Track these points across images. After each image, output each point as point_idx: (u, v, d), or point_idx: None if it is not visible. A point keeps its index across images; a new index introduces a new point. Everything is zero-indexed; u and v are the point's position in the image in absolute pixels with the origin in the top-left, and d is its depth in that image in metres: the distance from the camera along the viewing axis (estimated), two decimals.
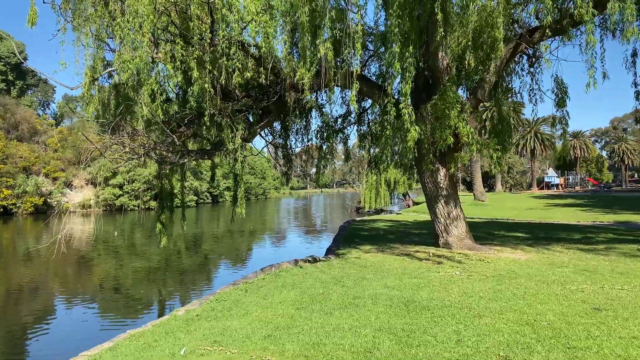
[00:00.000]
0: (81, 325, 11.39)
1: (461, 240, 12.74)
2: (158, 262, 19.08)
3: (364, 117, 15.33)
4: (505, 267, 9.61)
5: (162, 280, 16.45)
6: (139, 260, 19.74)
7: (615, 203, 35.55)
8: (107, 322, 11.68)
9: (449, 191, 12.96)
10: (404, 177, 41.26)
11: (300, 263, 11.58)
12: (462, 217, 13.05)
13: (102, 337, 7.71)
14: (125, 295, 14.58)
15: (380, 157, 13.28)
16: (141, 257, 20.88)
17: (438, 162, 12.75)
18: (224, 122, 11.17)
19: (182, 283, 15.89)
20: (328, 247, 15.20)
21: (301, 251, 20.15)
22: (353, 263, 10.97)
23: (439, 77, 12.01)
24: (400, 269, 9.88)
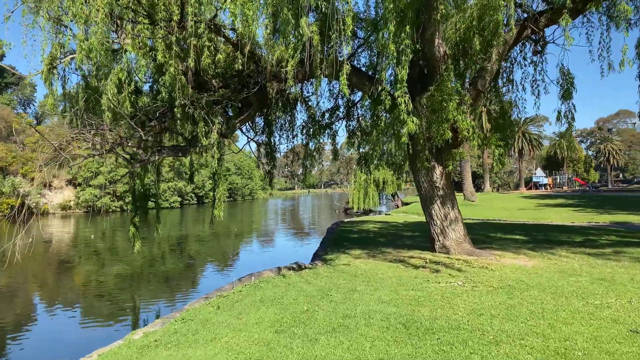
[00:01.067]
0: (37, 345, 10.12)
1: (459, 245, 11.70)
2: (135, 267, 17.79)
3: (354, 112, 14.24)
4: (512, 276, 8.57)
5: (138, 288, 15.19)
6: (116, 266, 18.39)
7: (606, 203, 34.91)
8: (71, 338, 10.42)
9: (445, 191, 11.92)
10: (393, 177, 40.33)
11: (284, 271, 10.45)
12: (460, 219, 12.01)
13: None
14: (96, 305, 13.30)
15: (371, 154, 12.24)
16: (119, 261, 19.52)
17: (434, 160, 11.71)
18: (197, 115, 9.99)
19: (158, 292, 14.64)
20: (315, 252, 14.08)
21: (287, 255, 18.99)
22: (342, 271, 9.86)
23: (435, 66, 10.97)
24: (395, 278, 8.78)
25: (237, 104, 11.57)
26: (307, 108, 13.10)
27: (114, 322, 11.32)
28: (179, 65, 9.73)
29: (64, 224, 41.10)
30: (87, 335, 10.32)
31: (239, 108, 12.10)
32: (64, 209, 56.19)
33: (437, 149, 11.37)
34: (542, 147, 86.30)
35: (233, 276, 14.10)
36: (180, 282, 15.63)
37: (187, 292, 14.15)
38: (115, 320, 11.47)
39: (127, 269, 17.40)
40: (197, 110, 9.91)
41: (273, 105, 11.28)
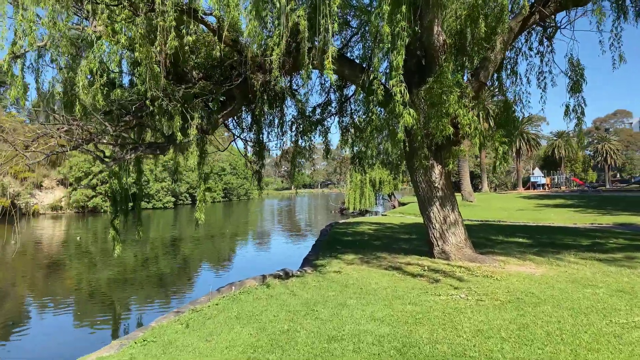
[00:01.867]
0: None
1: (460, 250, 10.82)
2: (120, 271, 16.82)
3: (347, 107, 13.35)
4: (520, 287, 7.68)
5: (120, 293, 14.21)
6: (100, 269, 17.42)
7: (606, 203, 34.11)
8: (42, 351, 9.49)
9: (445, 192, 11.04)
10: (389, 177, 39.49)
11: (269, 280, 9.55)
12: (460, 222, 11.13)
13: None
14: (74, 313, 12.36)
15: (365, 152, 11.35)
16: (103, 265, 18.54)
17: (433, 158, 10.82)
18: (172, 108, 9.08)
19: (141, 298, 13.69)
20: (305, 257, 13.17)
21: (279, 258, 18.08)
22: (332, 280, 8.96)
23: (434, 56, 10.08)
24: (390, 289, 7.89)
25: (219, 97, 10.67)
26: (296, 102, 12.19)
27: (89, 330, 10.38)
28: (154, 55, 8.84)
29: (54, 225, 40.07)
30: (50, 351, 9.38)
31: (221, 102, 11.21)
32: (54, 209, 55.12)
33: (436, 146, 10.50)
34: (539, 147, 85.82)
35: (216, 283, 13.20)
36: (163, 289, 14.69)
37: (168, 300, 13.22)
38: (89, 330, 10.53)
39: (110, 273, 16.46)
40: (172, 103, 8.99)
41: (258, 99, 10.37)
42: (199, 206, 11.49)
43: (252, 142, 13.84)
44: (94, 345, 7.16)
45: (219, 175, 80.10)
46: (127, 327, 10.89)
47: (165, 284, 15.05)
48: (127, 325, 11.00)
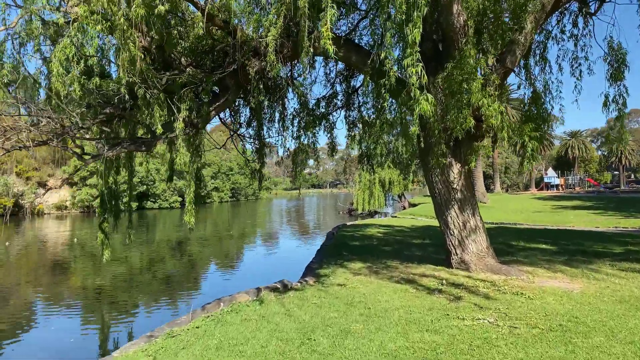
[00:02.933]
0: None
1: (481, 259, 9.56)
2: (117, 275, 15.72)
3: (354, 100, 12.11)
4: (559, 309, 6.42)
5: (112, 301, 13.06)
6: (95, 274, 16.34)
7: (626, 205, 32.50)
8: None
9: (464, 193, 9.78)
10: (399, 177, 38.16)
11: (264, 294, 8.36)
12: (482, 227, 9.88)
13: None
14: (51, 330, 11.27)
15: (374, 150, 10.13)
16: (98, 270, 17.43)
17: (451, 155, 9.58)
18: (151, 97, 7.93)
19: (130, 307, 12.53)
20: (308, 265, 11.97)
21: (282, 263, 16.95)
22: (335, 296, 7.75)
23: (453, 39, 8.84)
24: (404, 310, 6.66)
25: (210, 87, 9.50)
26: (297, 94, 10.98)
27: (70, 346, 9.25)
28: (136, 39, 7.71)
29: (57, 225, 39.21)
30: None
31: (214, 93, 10.06)
32: (59, 209, 54.44)
33: (455, 141, 9.26)
34: (553, 146, 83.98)
35: (212, 290, 12.05)
36: (157, 297, 13.51)
37: (160, 308, 12.06)
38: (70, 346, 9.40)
39: (103, 280, 15.36)
40: (151, 91, 7.84)
41: (254, 89, 9.17)
42: (189, 209, 10.31)
43: (252, 139, 12.69)
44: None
45: (227, 175, 79.23)
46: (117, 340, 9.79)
47: (160, 291, 13.88)
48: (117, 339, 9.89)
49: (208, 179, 73.52)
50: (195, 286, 14.23)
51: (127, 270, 16.78)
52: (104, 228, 12.06)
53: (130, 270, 16.71)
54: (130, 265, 17.72)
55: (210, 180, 73.91)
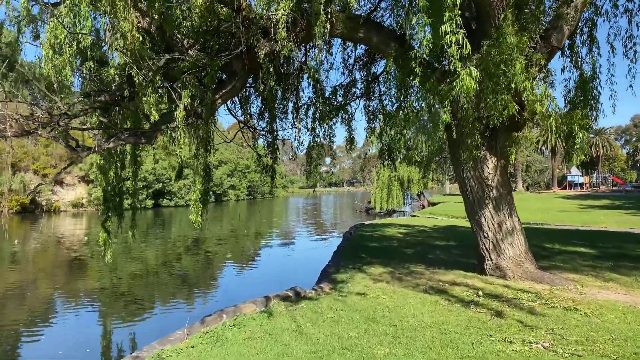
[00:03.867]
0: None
1: (519, 265, 8.45)
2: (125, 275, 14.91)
3: (374, 88, 11.06)
4: (626, 329, 5.30)
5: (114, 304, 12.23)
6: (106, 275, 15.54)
7: None
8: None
9: (500, 191, 8.68)
10: (419, 175, 36.93)
11: (273, 304, 7.37)
12: (519, 229, 8.76)
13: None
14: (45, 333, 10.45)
15: (397, 142, 9.09)
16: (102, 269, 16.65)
17: (486, 147, 8.48)
18: (145, 80, 7.01)
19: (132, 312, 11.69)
20: (324, 269, 10.96)
21: (297, 264, 15.98)
22: (354, 308, 6.73)
23: (489, 15, 7.75)
24: (437, 329, 5.61)
25: (215, 71, 8.54)
26: (313, 81, 9.95)
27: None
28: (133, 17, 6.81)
29: (72, 223, 38.84)
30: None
31: (220, 80, 9.12)
32: (75, 206, 54.31)
33: (491, 131, 8.17)
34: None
35: (210, 303, 11.14)
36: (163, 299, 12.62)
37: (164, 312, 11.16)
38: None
39: (109, 279, 14.55)
40: (144, 72, 6.91)
41: (264, 73, 8.18)
42: (194, 207, 9.40)
43: (264, 132, 11.74)
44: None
45: (243, 173, 78.63)
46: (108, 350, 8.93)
47: (167, 294, 12.98)
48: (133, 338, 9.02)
49: (225, 177, 73.02)
50: (204, 288, 13.31)
51: (135, 269, 15.96)
52: (107, 227, 11.31)
53: (139, 271, 15.88)
54: (139, 265, 16.91)
55: (227, 178, 73.43)
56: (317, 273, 11.30)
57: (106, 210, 11.49)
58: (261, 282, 13.17)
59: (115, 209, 11.75)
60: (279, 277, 13.68)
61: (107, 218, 11.38)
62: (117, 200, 11.87)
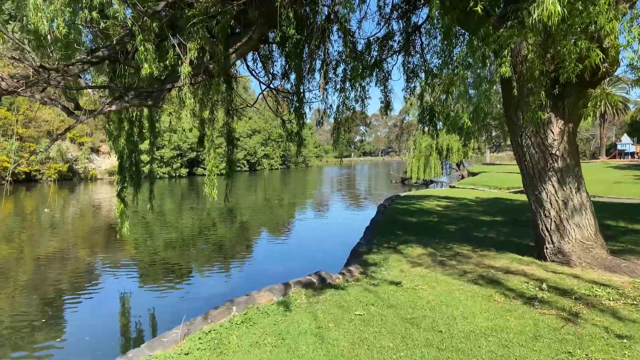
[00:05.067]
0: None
1: (587, 250, 7.04)
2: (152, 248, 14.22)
3: (415, 41, 9.58)
4: None
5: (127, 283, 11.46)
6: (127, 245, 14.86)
7: None
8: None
9: (567, 161, 7.21)
10: (459, 144, 35.00)
11: (293, 293, 6.28)
12: (589, 207, 7.32)
13: None
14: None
15: (445, 101, 7.69)
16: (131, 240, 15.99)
17: (551, 108, 7.00)
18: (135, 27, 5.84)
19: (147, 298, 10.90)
20: (354, 248, 9.79)
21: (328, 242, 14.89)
22: (388, 303, 5.54)
23: None
24: (495, 338, 4.37)
25: (228, 20, 7.28)
26: (343, 33, 8.55)
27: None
28: None
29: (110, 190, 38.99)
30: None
31: (232, 31, 7.87)
32: (111, 174, 54.83)
33: (560, 88, 6.67)
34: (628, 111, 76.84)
35: (229, 284, 10.15)
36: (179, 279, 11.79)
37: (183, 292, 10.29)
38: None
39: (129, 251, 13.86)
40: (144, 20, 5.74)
41: (279, 22, 6.86)
42: (209, 179, 8.33)
43: (289, 94, 10.52)
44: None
45: (277, 142, 77.86)
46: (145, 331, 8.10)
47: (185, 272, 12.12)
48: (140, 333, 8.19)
49: (258, 146, 72.45)
50: (226, 265, 12.36)
51: (159, 242, 15.24)
52: (123, 197, 10.44)
53: (163, 243, 15.14)
54: (165, 236, 16.20)
55: (261, 147, 72.88)
56: (348, 249, 10.20)
57: (122, 179, 10.61)
58: (288, 259, 12.16)
59: (132, 179, 10.87)
60: (306, 254, 12.65)
61: (123, 188, 10.51)
62: (133, 169, 10.98)
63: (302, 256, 12.38)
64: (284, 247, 14.01)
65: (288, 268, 11.12)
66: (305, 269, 10.76)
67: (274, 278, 10.13)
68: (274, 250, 13.53)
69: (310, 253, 12.94)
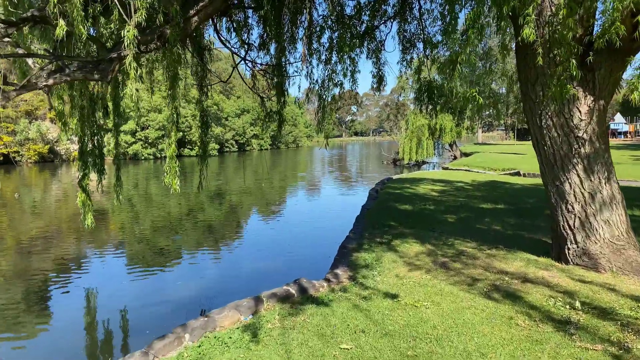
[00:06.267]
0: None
1: (619, 252, 5.91)
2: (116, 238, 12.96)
3: (413, 4, 8.25)
4: None
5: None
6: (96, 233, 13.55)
7: None
8: None
9: (595, 146, 6.02)
10: (452, 123, 33.78)
11: (265, 310, 5.09)
12: (620, 200, 6.16)
13: None
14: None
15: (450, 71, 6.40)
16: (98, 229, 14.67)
17: (579, 82, 5.77)
18: None
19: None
20: (343, 244, 8.60)
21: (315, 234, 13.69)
22: (382, 329, 4.37)
23: None
24: None
25: None
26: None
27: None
28: None
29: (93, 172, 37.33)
30: None
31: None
32: None
33: (594, 55, 5.42)
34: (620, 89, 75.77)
35: (193, 286, 8.85)
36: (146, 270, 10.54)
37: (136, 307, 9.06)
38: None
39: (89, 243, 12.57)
40: None
41: None
42: (170, 166, 7.04)
43: (270, 68, 9.23)
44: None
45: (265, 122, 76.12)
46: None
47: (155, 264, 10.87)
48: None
49: (247, 126, 70.75)
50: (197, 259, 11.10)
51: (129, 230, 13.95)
52: (85, 186, 9.15)
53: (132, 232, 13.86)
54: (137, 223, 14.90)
55: (250, 127, 71.23)
56: (337, 240, 9.07)
57: (83, 165, 9.30)
58: (271, 254, 10.92)
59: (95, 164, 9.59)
60: (293, 246, 11.43)
61: (85, 175, 9.22)
62: (96, 153, 9.69)
63: (286, 251, 11.14)
64: (268, 239, 12.73)
65: (269, 266, 9.94)
66: (288, 267, 9.61)
67: (251, 280, 8.96)
68: (256, 244, 12.28)
69: (297, 243, 11.71)
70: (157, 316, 7.41)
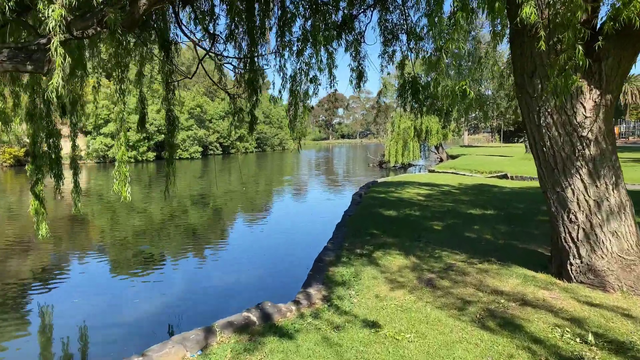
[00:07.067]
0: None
1: (629, 269, 5.17)
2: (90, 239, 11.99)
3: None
4: None
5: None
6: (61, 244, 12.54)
7: None
8: None
9: (602, 147, 5.28)
10: (438, 126, 33.24)
11: (216, 347, 4.23)
12: (629, 209, 5.42)
13: None
14: None
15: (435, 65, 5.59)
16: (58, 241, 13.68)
17: (584, 74, 5.03)
18: None
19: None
20: (319, 256, 7.75)
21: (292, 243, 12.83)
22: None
23: None
24: None
25: None
26: None
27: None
28: None
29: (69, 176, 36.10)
30: None
31: None
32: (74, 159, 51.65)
33: (604, 40, 4.68)
34: None
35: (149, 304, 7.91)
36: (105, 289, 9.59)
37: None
38: None
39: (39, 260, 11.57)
40: None
41: None
42: (120, 171, 6.14)
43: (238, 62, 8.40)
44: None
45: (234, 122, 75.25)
46: None
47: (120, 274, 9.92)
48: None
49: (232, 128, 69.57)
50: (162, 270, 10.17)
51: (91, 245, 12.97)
52: (38, 192, 8.29)
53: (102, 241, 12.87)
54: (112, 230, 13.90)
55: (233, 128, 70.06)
56: (316, 249, 8.27)
57: (36, 170, 8.45)
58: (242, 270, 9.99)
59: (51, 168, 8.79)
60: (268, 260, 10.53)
61: (38, 181, 8.36)
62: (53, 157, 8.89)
63: (264, 262, 10.23)
64: (244, 250, 11.81)
65: (242, 280, 9.05)
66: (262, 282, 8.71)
67: (220, 296, 8.07)
68: (231, 255, 11.37)
69: (275, 253, 10.85)
70: (106, 340, 6.49)
